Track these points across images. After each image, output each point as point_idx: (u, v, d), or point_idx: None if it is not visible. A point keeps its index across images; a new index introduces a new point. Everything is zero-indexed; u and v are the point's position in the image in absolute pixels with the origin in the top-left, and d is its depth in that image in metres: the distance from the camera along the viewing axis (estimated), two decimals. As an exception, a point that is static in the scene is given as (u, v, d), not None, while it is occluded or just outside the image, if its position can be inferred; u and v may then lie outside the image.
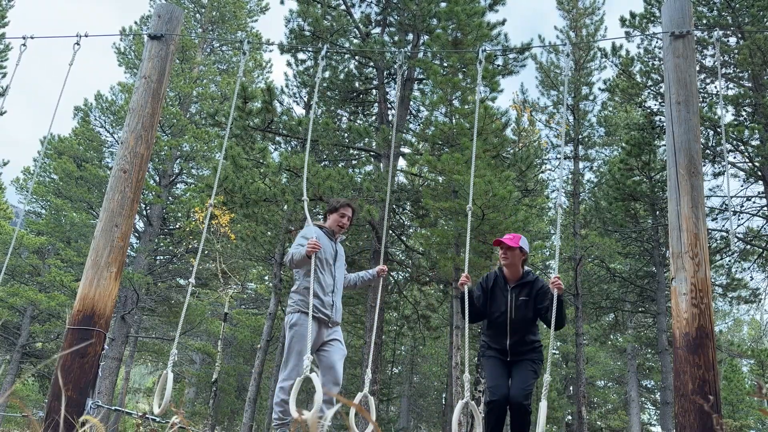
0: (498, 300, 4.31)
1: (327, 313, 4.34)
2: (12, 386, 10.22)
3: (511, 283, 4.34)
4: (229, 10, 23.00)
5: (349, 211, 4.61)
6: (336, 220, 4.56)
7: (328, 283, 4.39)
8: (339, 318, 4.45)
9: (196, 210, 18.82)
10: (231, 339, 24.25)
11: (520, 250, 4.29)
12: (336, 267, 4.49)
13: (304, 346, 4.15)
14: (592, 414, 26.95)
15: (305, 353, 4.07)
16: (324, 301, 4.35)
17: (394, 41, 14.09)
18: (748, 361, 21.26)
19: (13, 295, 17.83)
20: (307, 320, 4.19)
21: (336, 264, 4.50)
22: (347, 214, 4.59)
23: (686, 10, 4.05)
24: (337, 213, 4.58)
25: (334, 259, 4.49)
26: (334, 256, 4.49)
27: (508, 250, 4.28)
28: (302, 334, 4.23)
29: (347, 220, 4.59)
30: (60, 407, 3.65)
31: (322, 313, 4.32)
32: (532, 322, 4.30)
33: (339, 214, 4.57)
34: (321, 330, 4.34)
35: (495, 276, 4.41)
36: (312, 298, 4.26)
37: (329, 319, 4.35)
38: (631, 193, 15.75)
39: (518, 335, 4.26)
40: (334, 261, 4.48)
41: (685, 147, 3.76)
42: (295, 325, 4.28)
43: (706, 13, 14.21)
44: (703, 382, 3.30)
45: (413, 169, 15.52)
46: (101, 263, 4.07)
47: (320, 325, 4.33)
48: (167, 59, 4.67)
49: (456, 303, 12.08)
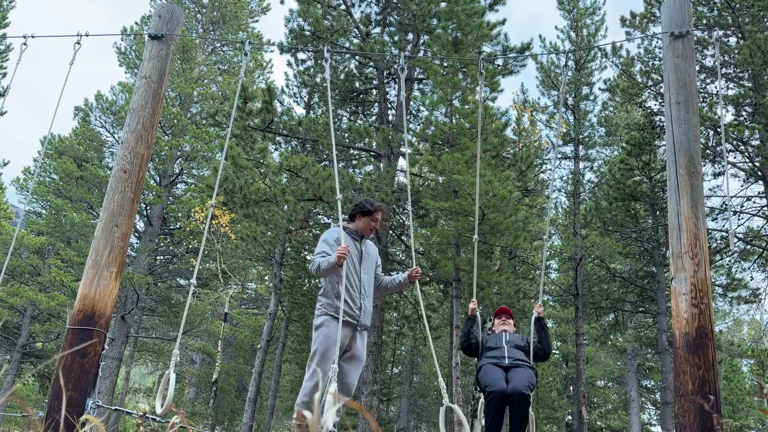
0: (496, 347, 4.76)
1: (354, 315, 4.22)
2: (12, 386, 10.23)
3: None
4: (229, 11, 22.99)
5: (381, 215, 4.44)
6: (368, 224, 4.38)
7: (354, 286, 4.26)
8: (368, 321, 4.30)
9: (196, 210, 18.82)
10: (231, 339, 24.26)
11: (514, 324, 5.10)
12: (362, 268, 4.33)
13: (328, 348, 4.09)
14: (593, 414, 26.95)
15: (329, 357, 4.04)
16: (350, 303, 4.22)
17: (394, 41, 14.09)
18: (748, 361, 21.26)
19: (13, 295, 17.83)
20: (333, 323, 4.14)
21: (362, 265, 4.34)
22: (379, 218, 4.41)
23: (686, 10, 4.06)
24: (371, 217, 4.38)
25: (360, 260, 4.34)
26: (359, 258, 4.34)
27: (511, 318, 5.09)
28: (326, 335, 4.14)
29: (378, 225, 4.41)
30: (60, 407, 3.65)
31: (350, 316, 4.20)
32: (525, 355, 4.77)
33: (372, 218, 4.38)
34: (349, 333, 4.22)
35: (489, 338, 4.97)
36: (337, 300, 4.18)
37: (357, 323, 4.23)
38: (631, 193, 15.74)
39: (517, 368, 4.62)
40: (359, 262, 4.33)
41: (685, 147, 3.76)
42: (321, 326, 4.19)
43: (706, 13, 14.20)
44: (703, 382, 3.30)
45: (413, 169, 15.52)
46: (101, 263, 4.07)
47: (347, 328, 4.20)
48: (168, 59, 4.67)
49: (456, 303, 12.08)
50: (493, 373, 4.44)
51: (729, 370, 20.68)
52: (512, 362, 4.56)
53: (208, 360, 25.23)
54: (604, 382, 29.64)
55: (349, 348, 4.23)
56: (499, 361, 4.58)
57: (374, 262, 4.46)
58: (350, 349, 4.23)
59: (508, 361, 4.56)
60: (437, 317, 19.00)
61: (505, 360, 4.57)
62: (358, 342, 4.26)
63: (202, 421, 21.27)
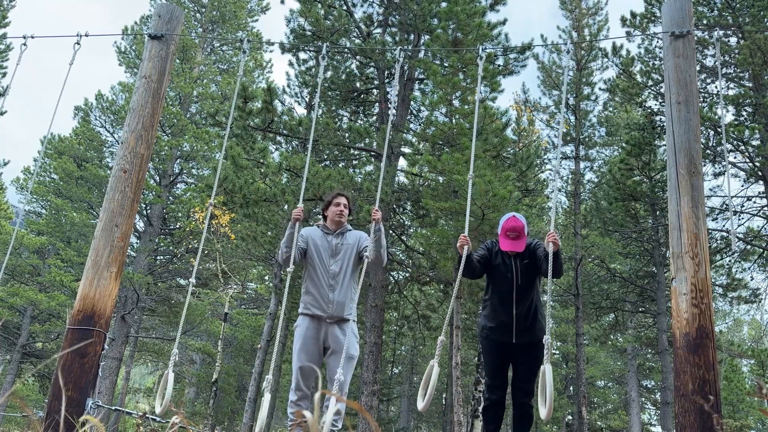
0: (501, 269, 4.20)
1: (323, 307, 4.20)
2: (12, 386, 10.22)
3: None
4: (229, 10, 22.99)
5: (342, 199, 4.45)
6: (333, 212, 4.42)
7: (321, 277, 4.25)
8: (342, 313, 4.21)
9: (196, 210, 18.81)
10: (231, 339, 24.25)
11: (525, 231, 4.24)
12: (335, 261, 4.31)
13: (304, 344, 4.19)
14: (593, 414, 26.95)
15: (305, 353, 4.16)
16: (317, 297, 4.22)
17: (395, 41, 14.08)
18: (748, 361, 21.24)
19: (13, 295, 17.83)
20: (305, 321, 4.23)
21: (336, 258, 4.32)
22: (341, 201, 4.44)
23: (686, 9, 4.05)
24: (332, 205, 4.44)
25: (331, 254, 4.32)
26: (331, 251, 4.33)
27: (519, 237, 4.17)
28: (299, 333, 4.23)
29: (343, 207, 4.42)
30: (60, 407, 3.65)
31: (319, 309, 4.20)
32: (536, 288, 4.21)
33: (333, 204, 4.44)
34: (322, 328, 4.21)
35: (497, 244, 4.33)
36: (306, 296, 4.27)
37: (326, 314, 4.20)
38: (631, 193, 15.74)
39: (525, 304, 4.13)
40: (331, 256, 4.31)
41: (685, 147, 3.76)
42: (297, 327, 4.27)
43: (707, 13, 14.20)
44: (703, 382, 3.30)
45: (414, 169, 15.52)
46: (101, 263, 4.07)
47: (320, 323, 4.22)
48: (167, 59, 4.67)
49: (456, 303, 12.07)
50: (494, 370, 4.18)
51: (729, 370, 20.68)
52: (521, 324, 4.07)
53: (208, 360, 25.23)
54: (604, 382, 29.64)
55: (328, 345, 4.22)
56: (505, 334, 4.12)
57: (352, 251, 4.38)
58: (329, 345, 4.22)
59: (516, 332, 4.09)
60: (437, 317, 18.99)
61: (513, 334, 4.09)
62: (337, 334, 4.20)
63: (202, 421, 21.27)
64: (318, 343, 4.22)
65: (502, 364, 4.22)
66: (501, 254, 4.27)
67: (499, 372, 4.22)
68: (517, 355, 4.18)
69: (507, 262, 4.21)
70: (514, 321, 4.12)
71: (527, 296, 4.15)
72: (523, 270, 4.17)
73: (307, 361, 4.16)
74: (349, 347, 4.10)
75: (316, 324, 4.22)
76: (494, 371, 4.22)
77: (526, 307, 4.13)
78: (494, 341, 4.20)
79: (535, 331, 4.14)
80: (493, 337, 4.20)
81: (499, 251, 4.28)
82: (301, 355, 4.18)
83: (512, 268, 4.17)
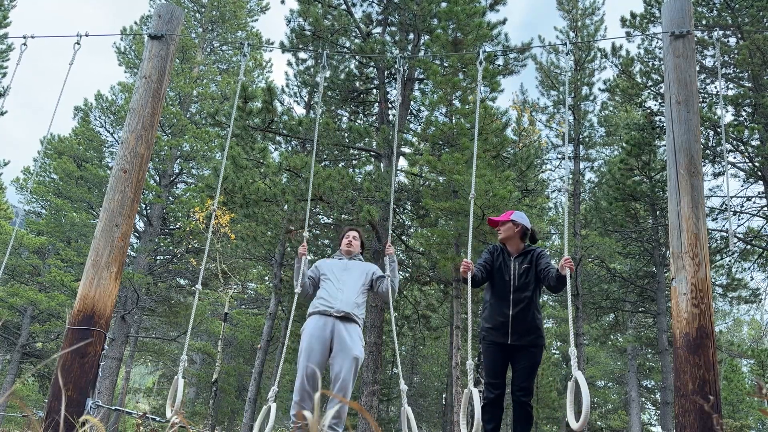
0: (500, 270, 4.35)
1: (330, 303, 4.39)
2: (12, 386, 10.23)
3: (514, 254, 4.42)
4: (229, 10, 22.99)
5: (353, 233, 4.92)
6: (344, 244, 4.87)
7: (332, 283, 4.55)
8: (347, 308, 4.39)
9: (196, 210, 18.81)
10: (231, 339, 24.26)
11: (512, 223, 4.41)
12: (345, 273, 4.64)
13: (310, 343, 4.30)
14: (593, 414, 26.95)
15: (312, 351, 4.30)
16: (326, 297, 4.45)
17: (395, 41, 14.08)
18: (748, 361, 21.25)
19: (13, 295, 17.83)
20: (312, 318, 4.40)
21: (346, 273, 4.64)
22: (351, 235, 4.90)
23: (686, 10, 4.06)
24: (344, 238, 4.92)
25: (343, 268, 4.67)
26: (342, 266, 4.68)
27: (500, 224, 4.48)
28: (305, 334, 4.38)
29: (352, 239, 4.87)
30: (60, 407, 3.65)
31: (327, 305, 4.39)
32: (533, 292, 4.28)
33: (344, 238, 4.91)
34: (328, 325, 4.34)
35: (500, 248, 4.51)
36: (316, 300, 4.55)
37: (333, 308, 4.36)
38: (631, 193, 15.74)
39: (520, 306, 4.20)
40: (342, 269, 4.66)
41: (685, 147, 3.76)
42: (304, 328, 4.44)
43: (706, 13, 14.20)
44: (703, 382, 3.30)
45: (414, 169, 15.52)
46: (101, 263, 4.07)
47: (327, 319, 4.36)
48: (167, 59, 4.67)
49: (456, 303, 12.08)
50: (494, 368, 4.20)
51: (729, 370, 20.68)
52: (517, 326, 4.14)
53: (208, 360, 25.23)
54: (604, 382, 29.65)
55: (333, 346, 4.34)
56: (501, 335, 4.18)
57: (362, 270, 4.73)
58: (334, 345, 4.33)
59: (512, 333, 4.15)
60: (437, 317, 18.99)
61: (509, 335, 4.15)
62: (343, 335, 4.33)
63: (202, 421, 21.27)
64: (324, 342, 4.30)
65: (499, 363, 4.26)
66: (503, 256, 4.41)
67: (497, 371, 4.25)
68: (513, 355, 4.23)
69: (506, 263, 4.35)
70: (509, 322, 4.18)
71: (523, 298, 4.22)
72: (521, 273, 4.28)
73: (312, 361, 4.25)
74: (354, 349, 4.29)
75: (323, 321, 4.34)
76: (492, 371, 4.26)
77: (521, 308, 4.20)
78: (491, 341, 4.27)
79: (531, 333, 4.20)
80: (490, 338, 4.27)
81: (501, 253, 4.43)
82: (306, 355, 4.28)
83: (510, 270, 4.30)
